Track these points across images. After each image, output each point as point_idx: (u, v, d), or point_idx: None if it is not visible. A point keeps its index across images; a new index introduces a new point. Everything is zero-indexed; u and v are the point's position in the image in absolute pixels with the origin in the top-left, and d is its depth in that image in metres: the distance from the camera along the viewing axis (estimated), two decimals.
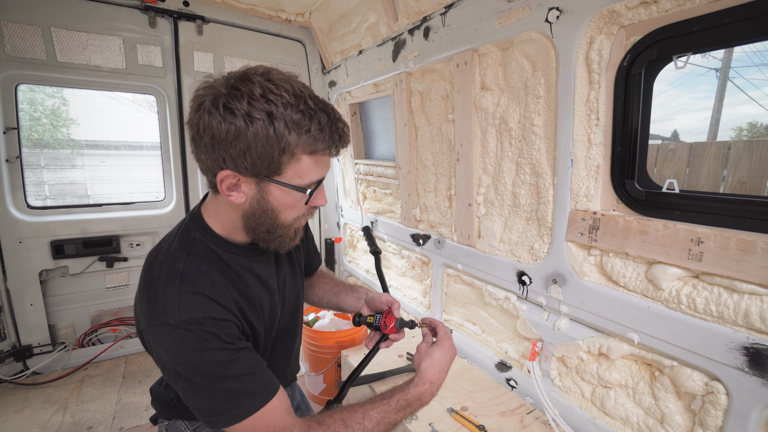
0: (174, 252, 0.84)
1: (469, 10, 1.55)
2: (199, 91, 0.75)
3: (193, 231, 0.88)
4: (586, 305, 1.31)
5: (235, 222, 0.86)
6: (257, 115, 0.70)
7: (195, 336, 0.75)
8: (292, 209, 0.83)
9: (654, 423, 1.18)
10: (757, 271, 0.92)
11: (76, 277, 2.52)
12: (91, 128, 3.48)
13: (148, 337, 0.79)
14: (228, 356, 0.77)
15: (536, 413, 1.45)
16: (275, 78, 0.73)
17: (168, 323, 0.75)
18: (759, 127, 3.39)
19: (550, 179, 1.41)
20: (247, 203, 0.80)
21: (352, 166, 2.91)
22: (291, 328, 1.13)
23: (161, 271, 0.81)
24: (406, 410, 0.87)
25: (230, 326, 0.80)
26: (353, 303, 1.22)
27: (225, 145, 0.72)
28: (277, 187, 0.78)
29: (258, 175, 0.76)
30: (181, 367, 0.75)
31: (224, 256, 0.87)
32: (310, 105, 0.74)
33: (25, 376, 2.35)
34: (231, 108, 0.69)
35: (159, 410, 1.07)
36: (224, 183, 0.77)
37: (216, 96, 0.71)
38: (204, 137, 0.73)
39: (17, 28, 2.12)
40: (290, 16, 2.80)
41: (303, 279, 1.20)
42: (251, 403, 0.77)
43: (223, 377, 0.76)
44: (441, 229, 2.09)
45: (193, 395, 0.78)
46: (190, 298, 0.77)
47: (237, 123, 0.70)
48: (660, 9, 1.03)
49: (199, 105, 0.73)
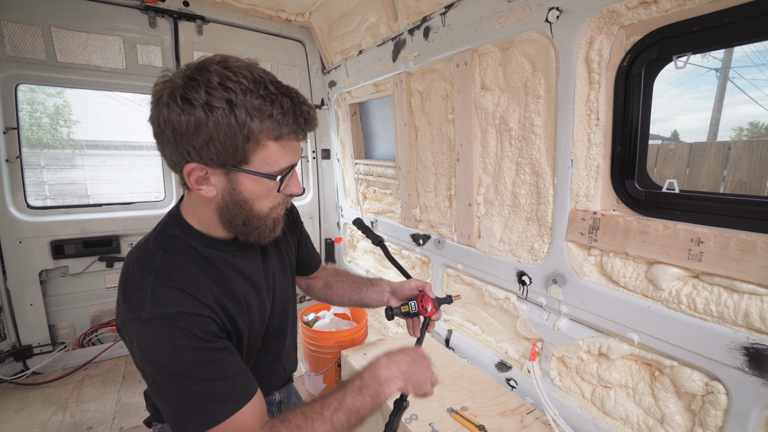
0: (150, 248, 0.81)
1: (469, 10, 1.55)
2: (157, 86, 0.73)
3: (171, 228, 0.85)
4: (586, 305, 1.31)
5: (211, 217, 0.84)
6: (216, 104, 0.68)
7: (166, 332, 0.71)
8: (266, 198, 0.81)
9: (654, 423, 1.18)
10: (757, 271, 0.92)
11: (76, 277, 2.52)
12: (91, 128, 3.47)
13: (124, 334, 0.77)
14: (201, 357, 0.73)
15: (536, 413, 1.45)
16: (233, 65, 0.71)
17: (140, 318, 0.72)
18: (759, 127, 3.39)
19: (550, 179, 1.41)
20: (219, 196, 0.78)
21: (352, 166, 2.91)
22: (282, 326, 1.10)
23: (136, 267, 0.78)
24: (364, 391, 0.83)
25: (207, 322, 0.77)
26: (377, 297, 1.19)
27: (187, 138, 0.70)
28: (247, 176, 0.76)
29: (225, 166, 0.74)
30: (150, 365, 0.72)
31: (204, 252, 0.85)
32: (270, 90, 0.72)
33: (25, 376, 2.35)
34: (189, 99, 0.68)
35: (152, 413, 1.06)
36: (192, 176, 0.75)
37: (173, 88, 0.69)
38: (165, 132, 0.71)
39: (17, 28, 2.12)
40: (290, 16, 2.80)
41: (294, 276, 1.18)
42: (221, 410, 0.73)
43: (194, 380, 0.72)
44: (441, 229, 2.09)
45: (161, 397, 0.75)
46: (164, 293, 0.74)
47: (197, 114, 0.68)
48: (660, 9, 1.03)
49: (157, 99, 0.71)
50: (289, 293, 1.13)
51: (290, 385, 1.28)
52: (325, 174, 3.28)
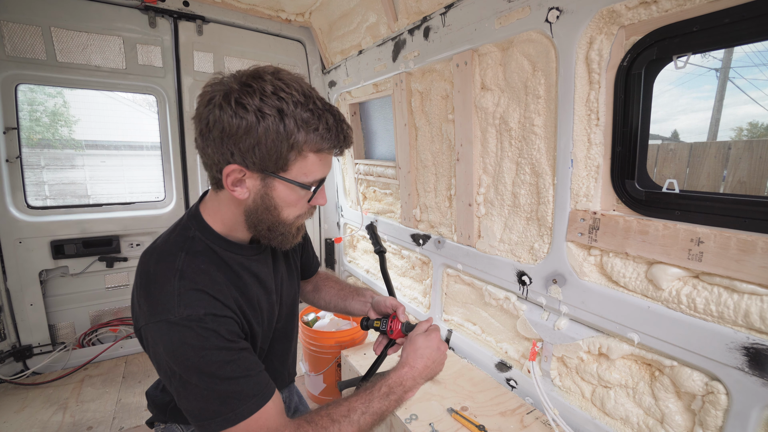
0: (171, 250, 0.83)
1: (469, 10, 1.55)
2: (208, 88, 0.76)
3: (191, 229, 0.87)
4: (586, 305, 1.31)
5: (237, 218, 0.86)
6: (268, 111, 0.71)
7: (194, 333, 0.74)
8: (294, 207, 0.84)
9: (654, 423, 1.18)
10: (757, 271, 0.92)
11: (76, 277, 2.52)
12: (91, 128, 3.48)
13: (146, 335, 0.79)
14: (227, 356, 0.77)
15: (536, 413, 1.45)
16: (285, 77, 0.75)
17: (168, 320, 0.74)
18: (759, 127, 3.39)
19: (550, 179, 1.41)
20: (251, 199, 0.81)
21: (352, 166, 2.91)
22: (288, 329, 1.13)
23: (158, 269, 0.80)
24: (390, 397, 0.88)
25: (231, 323, 0.80)
26: (360, 307, 1.24)
27: (235, 140, 0.73)
28: (282, 183, 0.79)
29: (264, 171, 0.77)
30: (178, 365, 0.75)
31: (223, 255, 0.87)
32: (318, 105, 0.76)
33: (25, 376, 2.35)
34: (243, 103, 0.71)
35: (155, 414, 1.07)
36: (230, 177, 0.77)
37: (228, 91, 0.72)
38: (213, 131, 0.74)
39: (17, 28, 2.12)
40: (290, 16, 2.80)
41: (299, 281, 1.20)
42: (247, 406, 0.77)
43: (221, 378, 0.75)
44: (441, 229, 2.09)
45: (187, 396, 0.77)
46: (190, 295, 0.77)
47: (249, 118, 0.71)
48: (660, 9, 1.03)
49: (209, 100, 0.74)
50: (294, 297, 1.15)
51: (291, 386, 1.29)
52: None
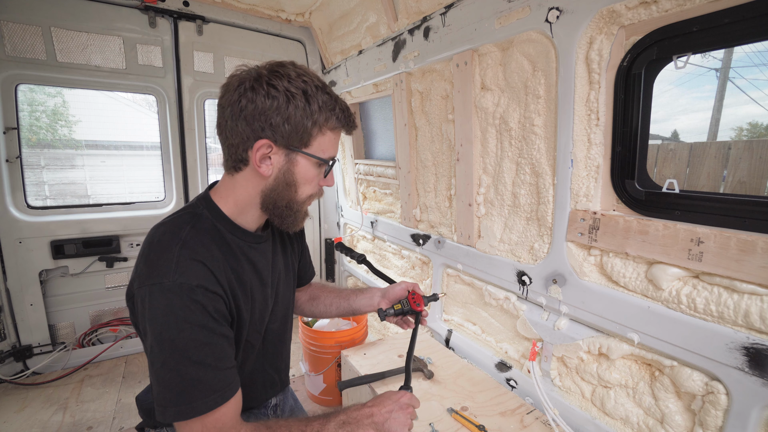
0: (179, 222, 0.86)
1: (469, 10, 1.55)
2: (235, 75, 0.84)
3: (200, 207, 0.91)
4: (586, 305, 1.31)
5: (252, 199, 0.91)
6: (295, 92, 0.82)
7: (182, 303, 0.75)
8: (309, 184, 0.92)
9: (654, 423, 1.18)
10: (757, 271, 0.92)
11: (76, 277, 2.52)
12: (91, 128, 3.47)
13: (138, 298, 0.80)
14: (206, 337, 0.77)
15: (536, 413, 1.45)
16: (303, 67, 0.87)
17: (161, 283, 0.76)
18: (759, 127, 3.39)
19: (550, 179, 1.41)
20: (273, 176, 0.88)
21: (352, 166, 2.91)
22: (282, 331, 1.13)
23: (164, 237, 0.83)
24: (344, 428, 0.90)
25: (219, 301, 0.81)
26: (367, 302, 1.30)
27: (266, 116, 0.82)
28: (304, 158, 0.88)
29: (290, 147, 0.85)
30: (155, 332, 0.75)
31: (226, 236, 0.90)
32: (332, 91, 0.89)
33: (25, 376, 2.35)
34: (274, 84, 0.81)
35: (144, 419, 1.07)
36: (259, 152, 0.84)
37: (258, 75, 0.82)
38: (246, 109, 0.81)
39: (17, 28, 2.12)
40: (290, 16, 2.80)
41: (295, 282, 1.21)
42: (204, 402, 0.76)
43: (192, 360, 0.75)
44: (441, 229, 2.09)
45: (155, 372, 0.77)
46: (188, 264, 0.79)
47: (279, 97, 0.81)
48: (660, 9, 1.03)
49: (239, 84, 0.82)
50: (290, 298, 1.16)
51: (287, 388, 1.28)
52: None
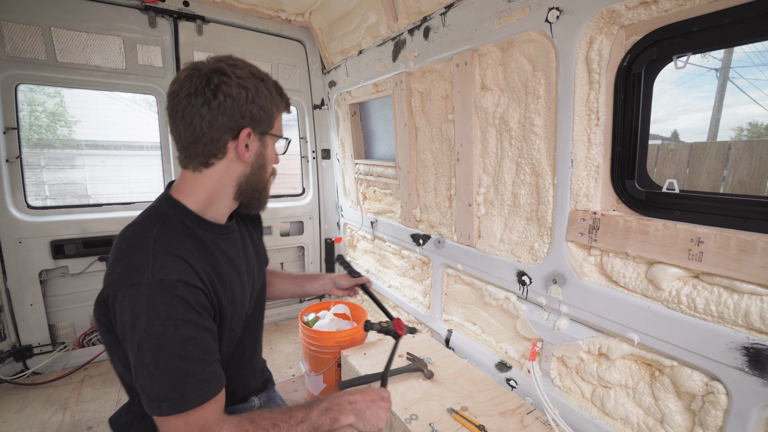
0: (146, 223, 0.85)
1: (469, 10, 1.55)
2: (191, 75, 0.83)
3: (164, 207, 0.89)
4: (586, 305, 1.31)
5: (226, 189, 0.92)
6: (257, 81, 0.87)
7: (163, 300, 0.74)
8: (271, 164, 0.99)
9: (654, 423, 1.18)
10: (757, 271, 0.92)
11: (76, 277, 2.52)
12: (91, 128, 3.47)
13: (115, 303, 0.76)
14: (190, 332, 0.76)
15: (536, 413, 1.45)
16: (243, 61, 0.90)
17: (140, 282, 0.74)
18: (759, 127, 3.39)
19: (550, 179, 1.41)
20: (251, 161, 0.92)
21: (352, 166, 2.91)
22: (256, 316, 1.14)
23: (135, 238, 0.82)
24: (327, 414, 0.91)
25: (200, 295, 0.80)
26: (320, 288, 1.45)
27: (246, 106, 0.85)
28: (272, 139, 0.95)
29: (263, 132, 0.91)
30: (139, 332, 0.73)
31: (197, 231, 0.89)
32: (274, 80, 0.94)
33: (25, 376, 2.35)
34: (239, 75, 0.84)
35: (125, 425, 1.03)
36: (243, 142, 0.87)
37: (221, 70, 0.84)
38: (225, 104, 0.83)
39: (17, 28, 2.12)
40: (290, 16, 2.80)
41: (265, 268, 1.22)
42: (197, 395, 0.76)
43: (179, 356, 0.74)
44: (441, 229, 2.09)
45: (142, 370, 0.75)
46: (165, 260, 0.77)
47: (249, 86, 0.85)
48: (660, 9, 1.03)
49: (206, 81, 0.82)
50: (263, 284, 1.18)
51: (271, 391, 1.27)
52: (325, 174, 3.28)
